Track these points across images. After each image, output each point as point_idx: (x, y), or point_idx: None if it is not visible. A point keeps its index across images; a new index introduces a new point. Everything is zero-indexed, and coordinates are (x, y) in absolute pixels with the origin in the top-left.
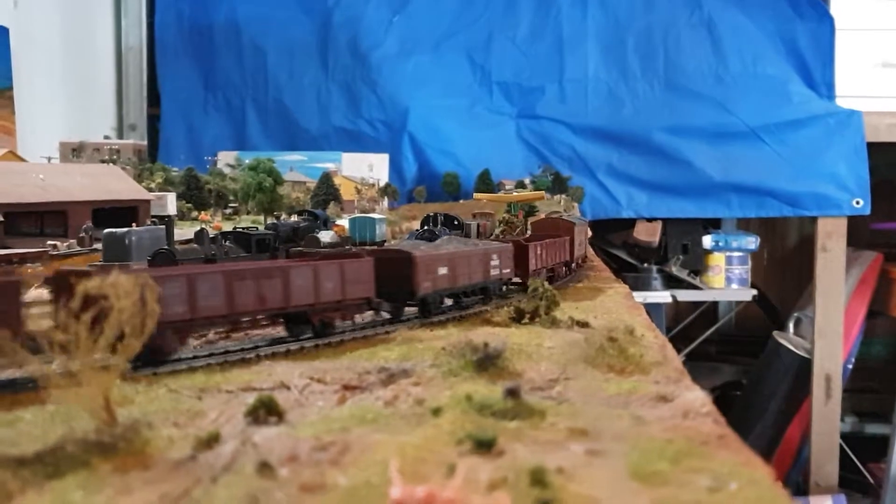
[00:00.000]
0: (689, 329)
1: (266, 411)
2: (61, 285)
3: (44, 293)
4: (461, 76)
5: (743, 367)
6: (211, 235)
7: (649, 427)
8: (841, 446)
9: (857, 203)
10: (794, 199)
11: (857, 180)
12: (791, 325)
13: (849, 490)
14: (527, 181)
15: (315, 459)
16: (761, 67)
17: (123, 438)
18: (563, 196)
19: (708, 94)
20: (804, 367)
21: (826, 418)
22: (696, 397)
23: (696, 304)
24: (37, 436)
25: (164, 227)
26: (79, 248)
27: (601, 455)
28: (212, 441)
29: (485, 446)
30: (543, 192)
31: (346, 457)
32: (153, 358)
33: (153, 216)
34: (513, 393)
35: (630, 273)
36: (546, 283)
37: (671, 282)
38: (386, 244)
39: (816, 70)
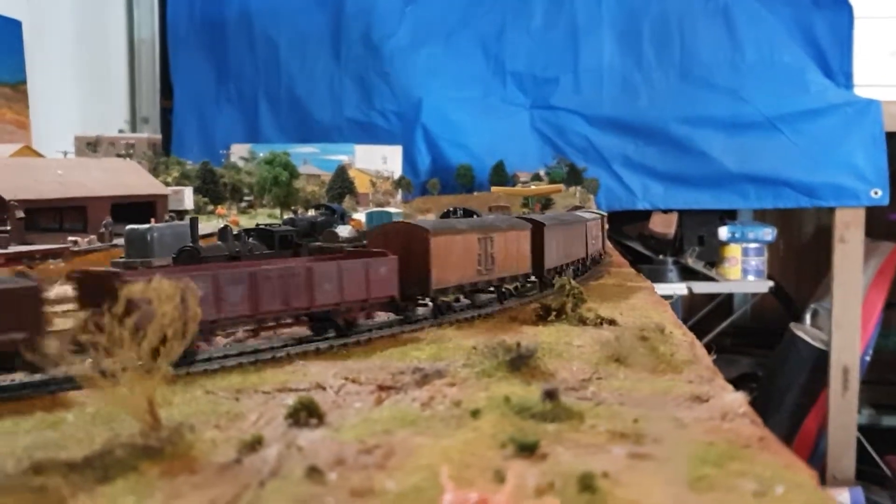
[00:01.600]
0: (704, 321)
1: (307, 413)
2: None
3: (67, 290)
4: (474, 67)
5: (758, 359)
6: (234, 232)
7: (689, 429)
8: (858, 439)
9: (876, 193)
10: (812, 190)
11: (875, 170)
12: (808, 317)
13: (866, 482)
14: (542, 173)
15: (362, 463)
16: (778, 56)
17: (169, 442)
18: (579, 188)
19: (724, 83)
20: (821, 359)
21: (843, 410)
22: (734, 398)
23: (712, 296)
24: (81, 438)
25: (185, 223)
26: (99, 244)
27: (644, 459)
28: (255, 444)
29: (528, 450)
30: (561, 185)
31: (391, 460)
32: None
33: (171, 211)
34: (551, 395)
35: (645, 265)
36: (572, 280)
37: (686, 273)
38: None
39: (834, 59)
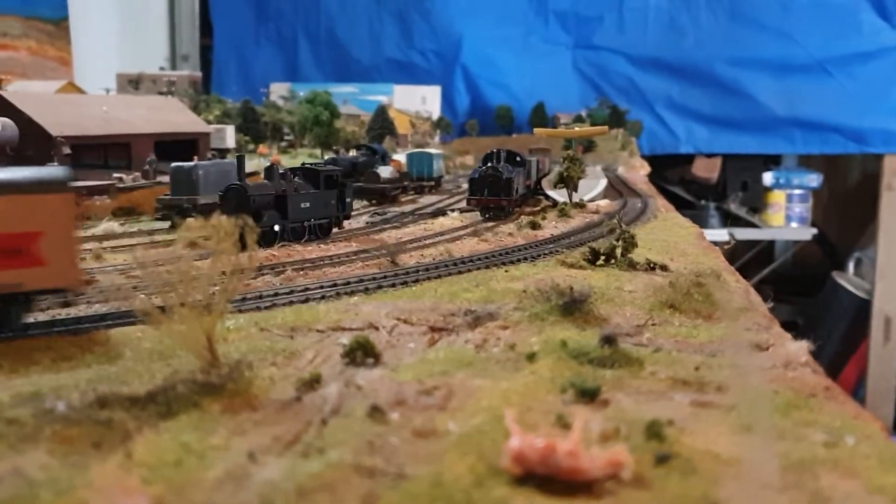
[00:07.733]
0: (745, 268)
1: (363, 352)
2: None
3: (114, 226)
4: (516, 4)
5: (798, 307)
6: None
7: (752, 378)
8: None
9: None
10: (861, 136)
11: None
12: (851, 266)
13: None
14: (583, 114)
15: (423, 404)
16: None
17: (229, 379)
18: (621, 130)
19: (774, 24)
20: (863, 308)
21: (883, 360)
22: (797, 347)
23: (753, 243)
24: (141, 373)
25: (230, 161)
26: (144, 181)
27: (708, 407)
28: (314, 382)
29: (589, 395)
30: (606, 126)
31: (452, 402)
32: None
33: (213, 149)
34: (609, 340)
35: (687, 210)
36: (623, 223)
37: (729, 219)
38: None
39: None
